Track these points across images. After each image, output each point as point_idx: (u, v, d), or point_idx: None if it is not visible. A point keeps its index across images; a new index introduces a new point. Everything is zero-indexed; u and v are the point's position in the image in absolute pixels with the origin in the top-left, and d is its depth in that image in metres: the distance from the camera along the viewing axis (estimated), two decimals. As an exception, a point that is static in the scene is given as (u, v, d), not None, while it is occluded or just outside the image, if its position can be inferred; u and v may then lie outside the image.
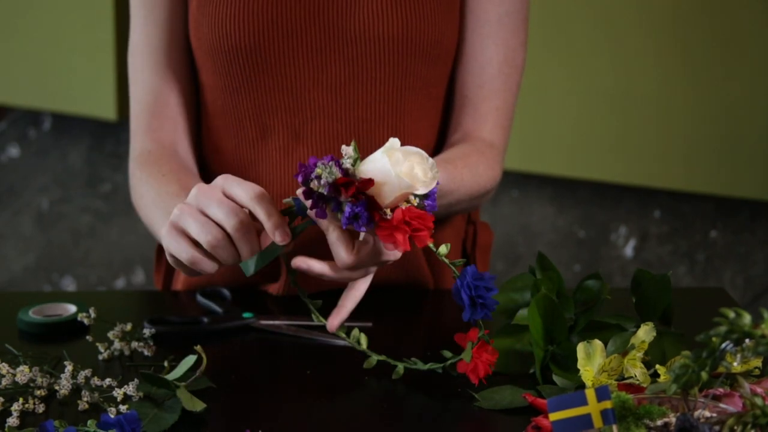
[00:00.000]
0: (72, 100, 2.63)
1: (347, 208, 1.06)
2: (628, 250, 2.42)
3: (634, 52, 2.21)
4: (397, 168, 1.06)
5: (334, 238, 1.11)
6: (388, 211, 1.08)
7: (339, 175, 1.06)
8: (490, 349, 1.14)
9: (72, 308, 1.37)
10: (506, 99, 1.46)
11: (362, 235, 1.12)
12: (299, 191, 1.09)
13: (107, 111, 2.58)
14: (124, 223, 2.81)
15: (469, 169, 1.37)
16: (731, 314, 0.89)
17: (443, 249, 1.13)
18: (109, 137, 2.78)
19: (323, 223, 1.11)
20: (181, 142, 1.47)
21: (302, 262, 1.14)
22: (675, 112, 2.21)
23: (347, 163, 1.07)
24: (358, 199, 1.06)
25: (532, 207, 2.47)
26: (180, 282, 1.54)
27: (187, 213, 1.11)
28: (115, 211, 2.81)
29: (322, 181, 1.06)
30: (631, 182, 2.30)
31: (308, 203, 1.09)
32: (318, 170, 1.07)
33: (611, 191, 2.40)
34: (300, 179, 1.07)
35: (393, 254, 1.13)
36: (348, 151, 1.08)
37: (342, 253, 1.11)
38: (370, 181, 1.06)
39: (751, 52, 2.13)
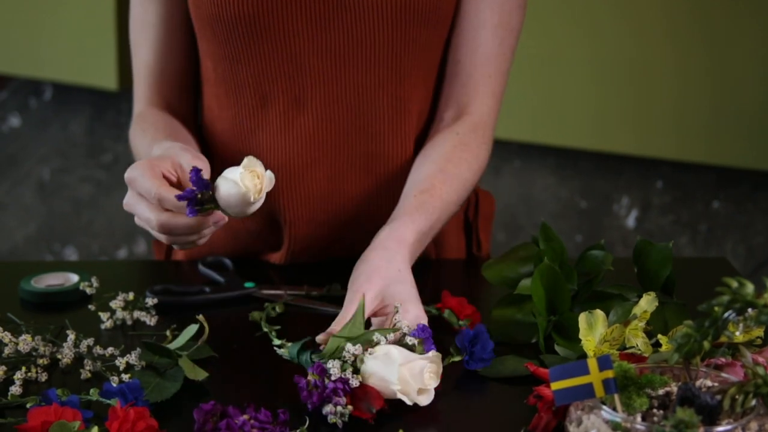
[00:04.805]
0: (73, 70, 2.62)
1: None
2: (630, 221, 2.42)
3: (639, 22, 2.20)
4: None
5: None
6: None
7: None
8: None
9: (74, 277, 1.37)
10: (499, 65, 1.44)
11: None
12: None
13: (108, 81, 2.58)
14: (126, 193, 2.81)
15: (449, 183, 1.36)
16: (734, 284, 0.89)
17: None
18: (110, 107, 2.77)
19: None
20: (178, 109, 1.50)
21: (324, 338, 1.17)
22: (677, 84, 2.20)
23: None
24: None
25: (534, 177, 2.47)
26: (181, 252, 1.54)
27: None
28: (116, 181, 2.81)
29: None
30: (633, 153, 2.29)
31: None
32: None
33: (613, 162, 2.40)
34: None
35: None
36: None
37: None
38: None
39: (752, 21, 2.12)
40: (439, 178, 1.36)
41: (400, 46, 1.39)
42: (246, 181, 1.12)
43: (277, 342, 1.16)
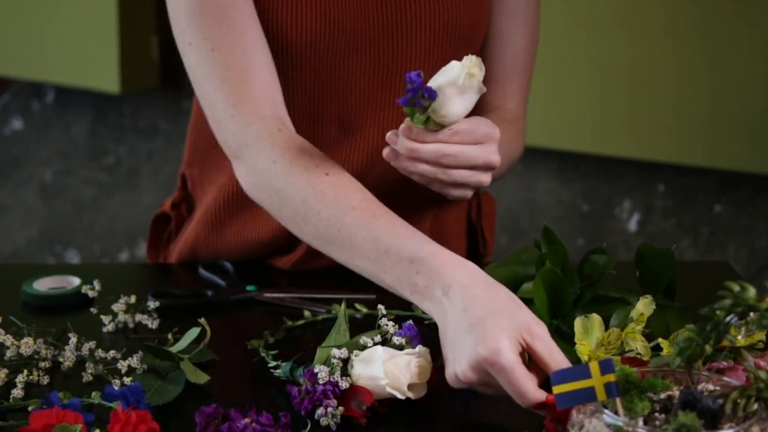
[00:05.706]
0: (75, 73, 2.63)
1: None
2: (632, 224, 2.42)
3: (642, 26, 2.20)
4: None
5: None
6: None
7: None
8: None
9: (76, 280, 1.37)
10: (528, 74, 1.51)
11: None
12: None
13: (110, 84, 2.58)
14: (127, 196, 2.81)
15: (505, 139, 1.38)
16: (736, 287, 0.89)
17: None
18: (111, 110, 2.77)
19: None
20: (285, 117, 1.34)
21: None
22: (678, 87, 2.20)
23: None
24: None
25: (536, 181, 2.47)
26: (174, 255, 1.53)
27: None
28: (118, 184, 2.81)
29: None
30: (634, 156, 2.29)
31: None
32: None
33: (615, 165, 2.40)
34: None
35: None
36: None
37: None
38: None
39: (752, 25, 2.12)
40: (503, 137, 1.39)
41: (442, 65, 1.39)
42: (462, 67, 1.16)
43: (272, 363, 1.16)
